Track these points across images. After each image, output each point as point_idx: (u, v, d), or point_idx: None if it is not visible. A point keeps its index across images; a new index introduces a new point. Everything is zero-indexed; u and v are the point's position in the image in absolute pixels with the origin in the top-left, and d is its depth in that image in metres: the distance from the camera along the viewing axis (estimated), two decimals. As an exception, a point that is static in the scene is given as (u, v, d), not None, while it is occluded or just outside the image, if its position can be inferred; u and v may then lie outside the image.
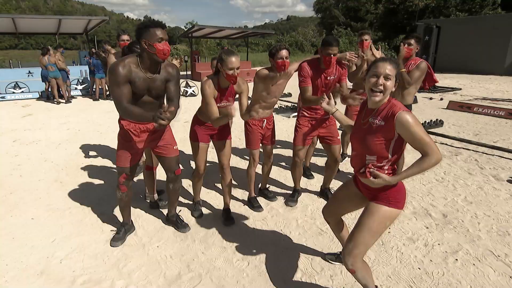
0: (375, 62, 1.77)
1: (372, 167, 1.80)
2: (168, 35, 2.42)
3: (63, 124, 7.40)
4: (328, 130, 3.41)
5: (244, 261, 2.62)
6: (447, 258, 2.62)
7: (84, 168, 4.63)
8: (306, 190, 3.88)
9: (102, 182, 4.20)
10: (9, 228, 3.10)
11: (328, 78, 3.20)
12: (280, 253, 2.72)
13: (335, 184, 3.57)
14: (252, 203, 3.51)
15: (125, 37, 4.02)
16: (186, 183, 4.03)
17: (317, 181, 4.13)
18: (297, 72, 3.26)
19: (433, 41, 11.74)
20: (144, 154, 3.45)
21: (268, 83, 3.09)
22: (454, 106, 8.48)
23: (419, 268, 2.51)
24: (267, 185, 3.82)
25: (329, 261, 2.58)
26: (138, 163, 2.84)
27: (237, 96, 3.04)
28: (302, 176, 3.78)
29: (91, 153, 5.31)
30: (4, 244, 2.86)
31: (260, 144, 3.45)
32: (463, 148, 5.27)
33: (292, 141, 3.58)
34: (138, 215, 3.33)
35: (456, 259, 2.60)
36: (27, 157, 5.11)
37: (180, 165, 2.96)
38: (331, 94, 2.36)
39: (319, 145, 4.60)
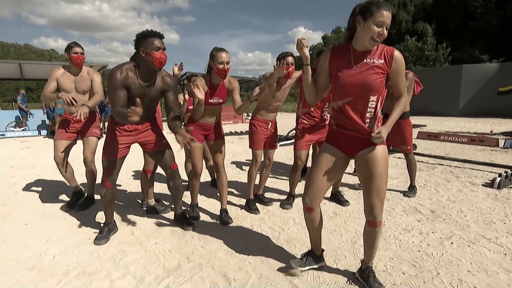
0: (380, 8, 1.64)
1: (376, 129, 1.74)
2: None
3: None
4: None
5: (244, 252, 2.38)
6: (443, 242, 2.47)
7: (82, 185, 4.33)
8: (300, 195, 3.71)
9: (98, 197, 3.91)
10: (3, 237, 2.78)
11: None
12: (281, 245, 2.51)
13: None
14: (249, 206, 3.30)
15: (79, 49, 3.16)
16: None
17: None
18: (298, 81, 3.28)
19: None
20: (144, 158, 3.28)
21: (271, 83, 3.05)
22: (423, 135, 8.70)
23: (419, 251, 2.34)
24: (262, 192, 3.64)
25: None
26: (124, 158, 2.63)
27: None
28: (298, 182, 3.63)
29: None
30: (4, 250, 2.54)
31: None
32: (438, 164, 5.29)
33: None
34: (134, 219, 3.06)
35: (452, 243, 2.46)
36: (23, 178, 4.78)
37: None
38: None
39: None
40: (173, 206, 2.98)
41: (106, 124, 10.56)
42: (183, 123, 3.65)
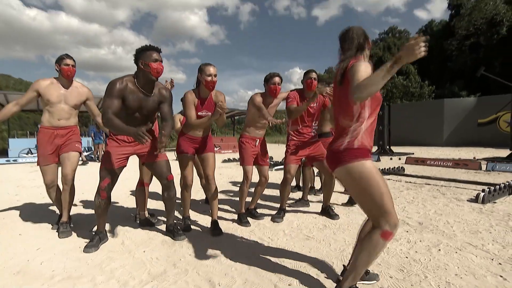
0: None
1: None
2: None
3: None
4: (316, 149, 3.24)
5: (232, 260, 2.21)
6: (430, 249, 2.31)
7: (83, 202, 4.19)
8: (291, 211, 3.56)
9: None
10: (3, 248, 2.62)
11: (312, 105, 3.15)
12: (269, 253, 2.34)
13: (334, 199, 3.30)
14: (240, 219, 3.14)
15: (70, 61, 2.84)
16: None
17: (301, 203, 3.83)
18: (285, 100, 3.25)
19: (386, 115, 12.43)
20: (139, 170, 3.18)
21: (259, 108, 3.02)
22: (411, 161, 8.61)
23: (407, 257, 2.18)
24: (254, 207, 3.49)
25: None
26: (121, 169, 2.53)
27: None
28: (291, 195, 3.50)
29: (88, 194, 4.88)
30: (-16, 253, 2.38)
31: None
32: (425, 184, 5.16)
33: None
34: (126, 230, 2.91)
35: (439, 250, 2.29)
36: (26, 196, 4.64)
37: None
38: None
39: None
40: (165, 219, 2.83)
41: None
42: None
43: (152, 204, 3.92)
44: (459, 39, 29.07)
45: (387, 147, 12.30)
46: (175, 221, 2.81)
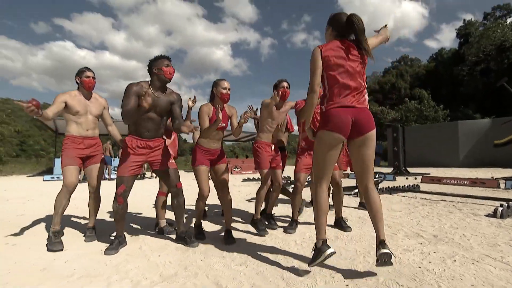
0: None
1: None
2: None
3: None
4: None
5: (242, 266, 2.11)
6: (445, 260, 2.09)
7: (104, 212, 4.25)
8: (304, 223, 3.41)
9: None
10: (27, 244, 2.67)
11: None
12: (279, 261, 2.21)
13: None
14: (258, 226, 2.99)
15: (90, 73, 2.83)
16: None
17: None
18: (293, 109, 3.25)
19: (400, 137, 12.00)
20: (159, 182, 3.19)
21: (270, 107, 3.05)
22: (426, 179, 8.14)
23: (419, 267, 1.98)
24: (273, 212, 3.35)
25: None
26: (136, 177, 2.56)
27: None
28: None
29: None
30: (21, 253, 2.42)
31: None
32: (441, 200, 4.81)
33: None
34: (145, 237, 2.89)
35: (455, 260, 2.07)
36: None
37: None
38: None
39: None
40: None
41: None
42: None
43: (170, 214, 3.89)
44: (469, 65, 28.33)
45: (403, 167, 11.76)
46: (187, 229, 2.75)
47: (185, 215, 3.31)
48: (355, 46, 1.91)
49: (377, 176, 7.54)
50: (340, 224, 3.15)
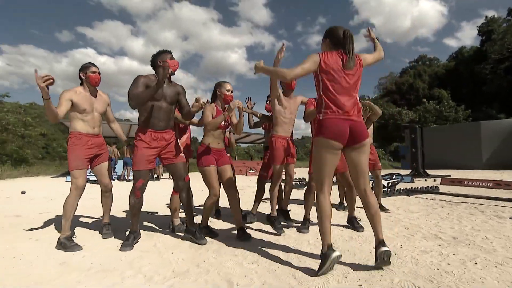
0: None
1: None
2: None
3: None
4: (341, 159, 3.11)
5: (254, 264, 2.10)
6: (465, 262, 1.99)
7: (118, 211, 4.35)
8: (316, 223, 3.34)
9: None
10: (48, 240, 2.77)
11: None
12: (291, 260, 2.18)
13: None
14: (274, 224, 2.95)
15: (95, 68, 2.73)
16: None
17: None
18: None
19: (418, 137, 11.64)
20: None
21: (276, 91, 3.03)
22: (446, 181, 7.81)
23: (437, 269, 1.89)
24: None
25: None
26: (150, 171, 2.63)
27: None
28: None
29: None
30: (43, 247, 2.52)
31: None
32: (462, 202, 4.61)
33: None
34: (160, 235, 2.92)
35: (476, 263, 1.97)
36: (81, 205, 4.92)
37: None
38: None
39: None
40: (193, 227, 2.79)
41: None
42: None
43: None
44: (492, 63, 27.15)
45: (421, 169, 11.38)
46: (197, 226, 2.76)
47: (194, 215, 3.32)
48: (351, 58, 1.97)
49: (394, 177, 7.32)
50: (353, 223, 3.09)
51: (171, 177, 2.92)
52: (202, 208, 2.96)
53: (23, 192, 6.77)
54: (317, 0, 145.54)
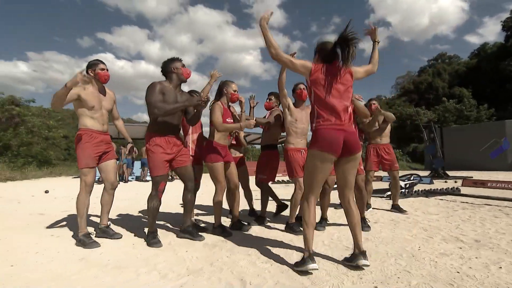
0: None
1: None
2: None
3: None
4: None
5: (267, 263, 2.08)
6: (488, 266, 1.90)
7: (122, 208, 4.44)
8: (333, 224, 3.29)
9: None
10: (69, 237, 2.87)
11: None
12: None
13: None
14: (293, 228, 2.92)
15: (104, 66, 2.73)
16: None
17: (342, 215, 3.53)
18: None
19: (438, 138, 11.26)
20: None
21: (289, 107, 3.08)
22: (468, 183, 7.50)
23: (458, 272, 1.81)
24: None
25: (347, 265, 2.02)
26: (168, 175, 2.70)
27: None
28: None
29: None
30: (63, 244, 2.61)
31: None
32: (485, 204, 4.41)
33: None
34: (175, 233, 2.96)
35: (500, 267, 1.88)
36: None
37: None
38: None
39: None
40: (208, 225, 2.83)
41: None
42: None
43: (198, 212, 3.97)
44: (518, 59, 25.86)
45: (441, 170, 10.97)
46: (192, 225, 2.85)
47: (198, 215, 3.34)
48: (342, 70, 1.99)
49: (412, 178, 7.10)
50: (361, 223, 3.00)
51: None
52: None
53: (46, 192, 7.06)
54: (332, 0, 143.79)
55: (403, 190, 5.52)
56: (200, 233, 2.78)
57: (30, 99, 18.65)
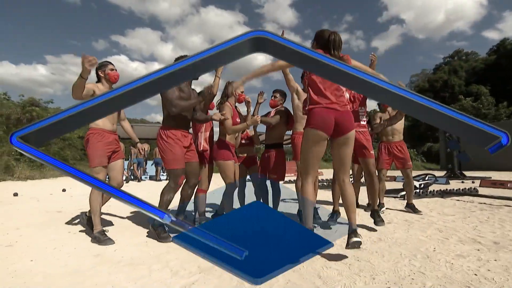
0: None
1: None
2: None
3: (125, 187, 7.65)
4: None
5: (278, 262, 2.08)
6: (508, 269, 1.83)
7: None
8: (345, 223, 3.25)
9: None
10: (84, 233, 2.95)
11: None
12: (317, 260, 2.13)
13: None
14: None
15: (113, 66, 2.78)
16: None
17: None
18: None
19: (454, 137, 10.88)
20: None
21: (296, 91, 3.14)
22: (487, 183, 7.24)
23: (475, 275, 1.76)
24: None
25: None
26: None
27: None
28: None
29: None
30: (80, 240, 2.69)
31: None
32: (504, 205, 4.25)
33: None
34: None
35: (521, 270, 1.80)
36: (114, 206, 5.19)
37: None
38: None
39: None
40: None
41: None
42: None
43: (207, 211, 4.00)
44: (540, 55, 24.78)
45: (458, 170, 10.65)
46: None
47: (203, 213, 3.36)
48: (337, 57, 2.11)
49: (427, 178, 6.93)
50: (374, 216, 2.92)
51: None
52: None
53: (63, 190, 7.28)
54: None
55: (417, 190, 5.39)
56: (168, 235, 2.73)
57: (48, 100, 19.30)
